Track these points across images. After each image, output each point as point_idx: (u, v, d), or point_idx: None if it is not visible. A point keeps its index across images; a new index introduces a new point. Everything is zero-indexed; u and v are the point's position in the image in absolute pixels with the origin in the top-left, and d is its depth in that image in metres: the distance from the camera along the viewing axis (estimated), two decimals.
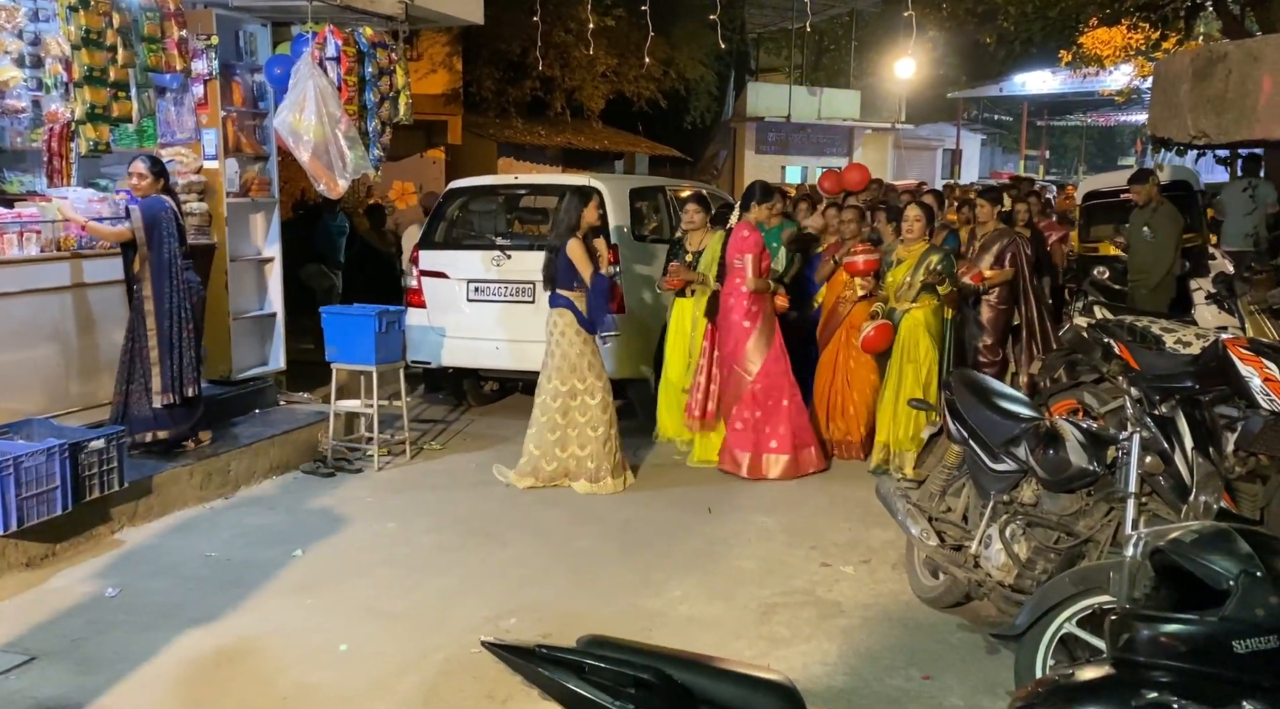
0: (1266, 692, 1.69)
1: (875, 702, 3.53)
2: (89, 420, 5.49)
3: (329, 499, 5.75)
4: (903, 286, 6.11)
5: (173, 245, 5.46)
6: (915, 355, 6.01)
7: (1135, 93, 18.19)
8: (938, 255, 6.10)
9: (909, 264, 6.13)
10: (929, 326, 6.04)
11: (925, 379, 5.99)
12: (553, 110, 17.33)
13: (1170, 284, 7.77)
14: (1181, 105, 5.92)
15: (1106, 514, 3.58)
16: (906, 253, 6.21)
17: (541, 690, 1.78)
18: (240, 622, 4.12)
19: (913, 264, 6.11)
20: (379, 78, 6.64)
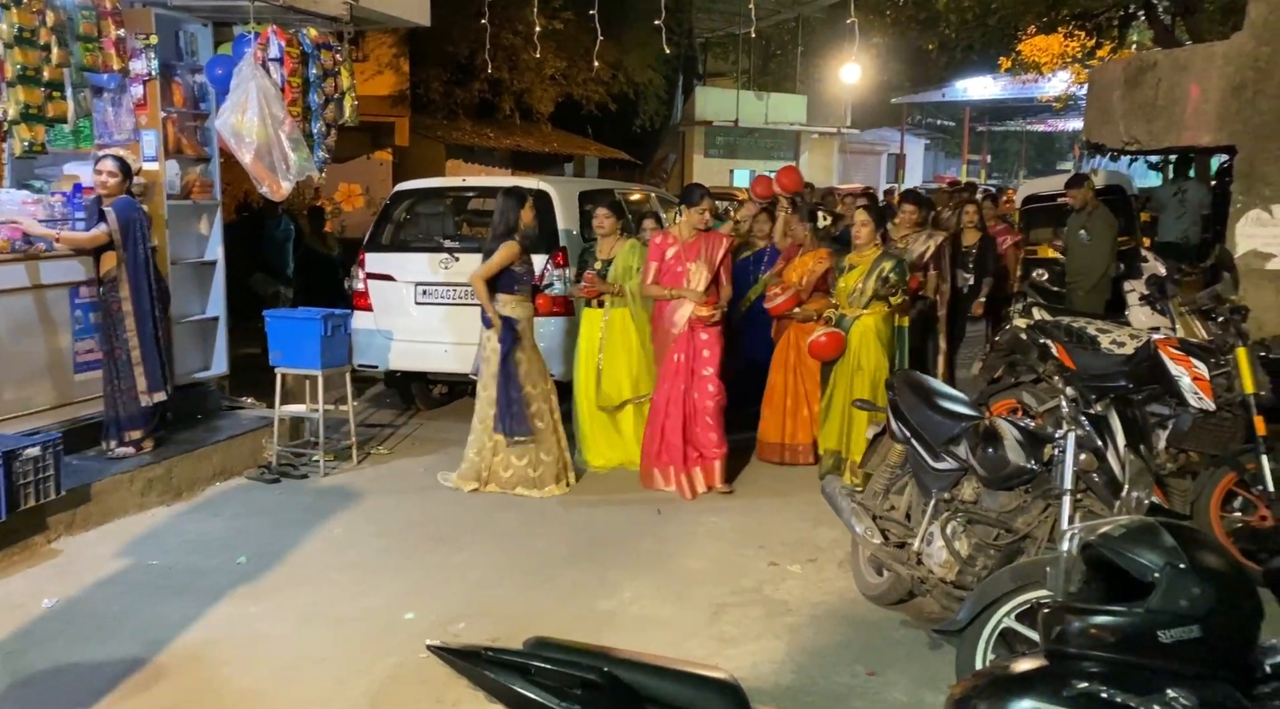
0: (1190, 679, 1.75)
1: (821, 698, 3.58)
2: (25, 428, 5.35)
3: (274, 505, 5.67)
4: (854, 293, 5.98)
5: (146, 246, 5.60)
6: (865, 363, 5.88)
7: (1072, 99, 18.64)
8: (890, 262, 5.95)
9: (860, 270, 5.99)
10: (879, 334, 5.93)
11: (874, 388, 5.82)
12: (501, 112, 17.27)
13: (1106, 286, 7.97)
14: (1114, 112, 6.11)
15: (1044, 511, 3.67)
16: (858, 259, 6.08)
17: (487, 693, 1.78)
18: (183, 631, 4.04)
19: (864, 270, 5.97)
20: (323, 79, 6.57)
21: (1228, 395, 4.67)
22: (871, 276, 5.90)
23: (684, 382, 5.88)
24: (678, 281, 5.89)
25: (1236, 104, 5.44)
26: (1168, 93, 5.78)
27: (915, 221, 6.97)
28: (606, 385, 6.28)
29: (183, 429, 6.21)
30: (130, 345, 5.54)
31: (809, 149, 30.90)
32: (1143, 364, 5.01)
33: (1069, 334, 5.70)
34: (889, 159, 34.99)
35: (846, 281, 6.05)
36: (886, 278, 5.86)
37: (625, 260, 6.29)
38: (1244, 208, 5.45)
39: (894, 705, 3.54)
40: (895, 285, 5.89)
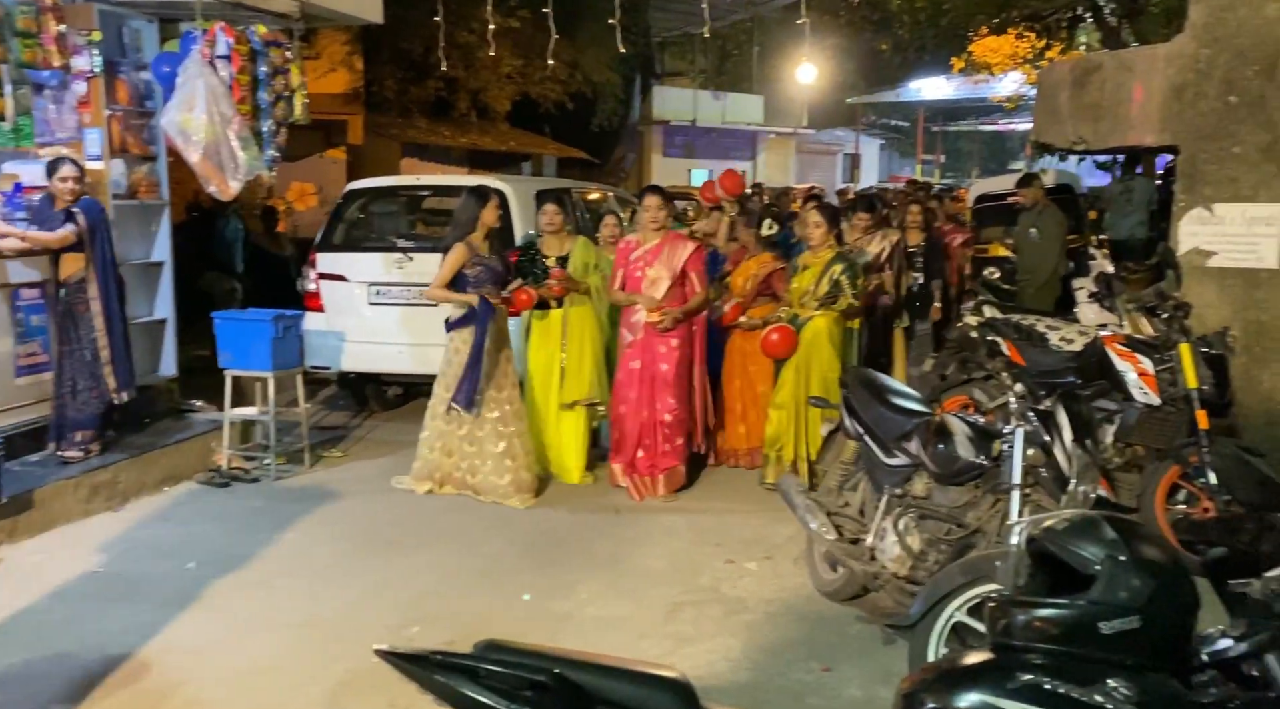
0: (1130, 669, 1.78)
1: (777, 695, 3.60)
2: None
3: (224, 510, 5.58)
4: (806, 294, 5.93)
5: (111, 246, 5.64)
6: (816, 364, 5.80)
7: (1023, 99, 18.94)
8: (842, 265, 5.88)
9: (814, 271, 5.93)
10: (831, 336, 5.84)
11: (823, 389, 5.68)
12: (457, 111, 17.16)
13: (1056, 283, 8.11)
14: (1062, 112, 6.20)
15: (993, 506, 3.72)
16: (812, 259, 6.00)
17: (437, 697, 1.77)
18: (129, 639, 3.96)
19: (818, 271, 5.91)
20: (273, 77, 6.46)
21: (1172, 390, 4.78)
22: (824, 278, 5.86)
23: (639, 389, 5.76)
24: (638, 286, 5.81)
25: (1178, 105, 5.55)
26: (1113, 93, 5.88)
27: (867, 227, 6.99)
28: (570, 382, 6.15)
29: (130, 433, 6.08)
30: (100, 345, 5.56)
31: (766, 149, 31.09)
32: (1090, 360, 5.10)
33: (1019, 331, 5.79)
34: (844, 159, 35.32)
35: (800, 282, 5.99)
36: (837, 280, 5.81)
37: (581, 257, 6.24)
38: (1186, 206, 5.56)
39: (849, 701, 3.57)
40: (834, 294, 5.79)
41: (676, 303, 5.77)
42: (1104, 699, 1.75)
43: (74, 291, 5.53)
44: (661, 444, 5.78)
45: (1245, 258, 5.39)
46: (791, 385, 5.85)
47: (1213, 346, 4.83)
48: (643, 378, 5.76)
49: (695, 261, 5.83)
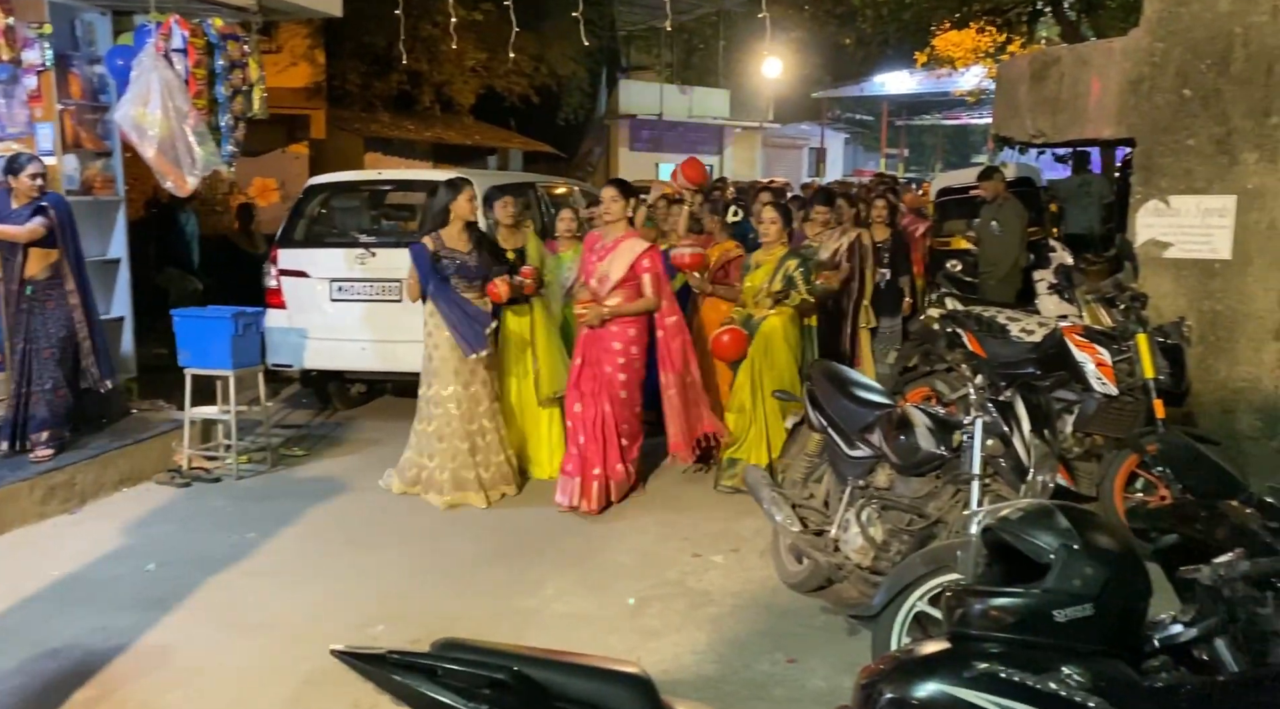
0: (1083, 656, 1.80)
1: (742, 688, 3.61)
2: None
3: (185, 510, 5.51)
4: (760, 292, 5.79)
5: (79, 239, 5.70)
6: (772, 364, 5.65)
7: (985, 93, 19.12)
8: (795, 261, 5.77)
9: (767, 269, 5.81)
10: (787, 335, 5.68)
11: (783, 386, 5.51)
12: (421, 105, 17.02)
13: (1017, 275, 8.19)
14: (1021, 106, 6.27)
15: (954, 496, 3.76)
16: (765, 257, 5.88)
17: (395, 697, 1.75)
18: (86, 642, 3.90)
19: (771, 269, 5.79)
20: (230, 70, 6.38)
21: (1130, 380, 4.85)
22: (778, 275, 5.74)
23: (580, 387, 5.54)
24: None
25: (1134, 98, 5.63)
26: (1071, 87, 5.95)
27: (825, 221, 6.90)
28: (545, 377, 6.06)
29: (87, 434, 5.98)
30: (81, 337, 5.65)
31: (732, 143, 31.14)
32: (1050, 351, 5.16)
33: (979, 323, 5.85)
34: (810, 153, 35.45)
35: (753, 280, 5.86)
36: (791, 277, 5.70)
37: (537, 251, 6.23)
38: (1142, 198, 5.64)
39: (813, 692, 3.59)
40: (785, 290, 5.67)
41: (593, 299, 5.52)
42: (1058, 686, 1.77)
43: (43, 288, 5.52)
44: (608, 448, 5.48)
45: (1200, 249, 5.48)
46: (748, 387, 5.70)
47: (1169, 336, 4.91)
48: (583, 374, 5.54)
49: (647, 263, 5.45)
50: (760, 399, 5.66)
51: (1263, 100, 5.27)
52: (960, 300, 6.54)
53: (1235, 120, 5.34)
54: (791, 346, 5.71)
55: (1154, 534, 2.16)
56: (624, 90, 25.97)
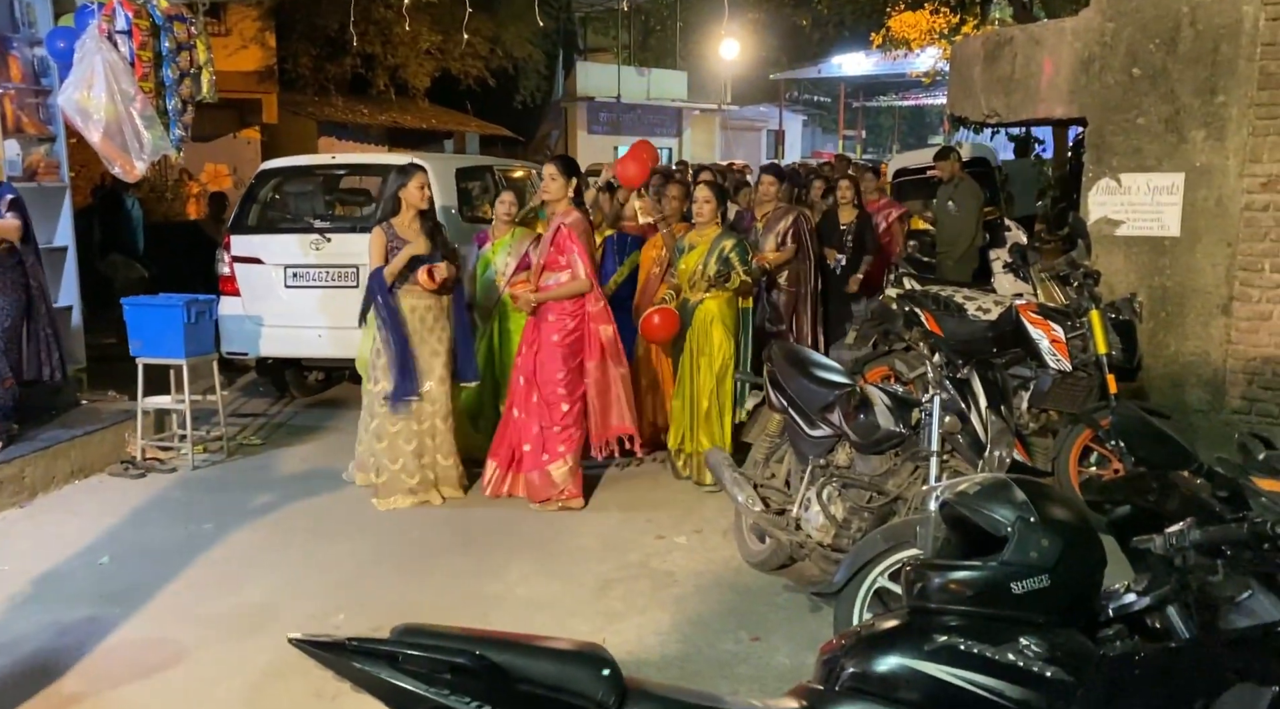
0: (1039, 627, 1.83)
1: (706, 666, 3.63)
2: None
3: (139, 502, 5.41)
4: (695, 275, 5.58)
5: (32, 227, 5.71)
6: (708, 349, 5.49)
7: (940, 74, 19.25)
8: (731, 241, 5.60)
9: (701, 251, 5.60)
10: (723, 318, 5.52)
11: (720, 373, 5.49)
12: (375, 88, 16.81)
13: (974, 255, 8.28)
14: (975, 86, 6.31)
15: (913, 472, 3.80)
16: (698, 238, 5.65)
17: (355, 685, 1.73)
18: (38, 638, 3.82)
19: (705, 250, 5.58)
20: (177, 53, 6.22)
21: (1083, 356, 4.92)
22: (713, 257, 5.55)
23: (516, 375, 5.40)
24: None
25: (1085, 78, 5.69)
26: (1024, 67, 6.00)
27: (775, 195, 6.65)
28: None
29: (35, 426, 5.86)
30: (44, 324, 5.68)
31: (691, 125, 31.10)
32: (1005, 329, 5.22)
33: (937, 302, 5.90)
34: (769, 135, 35.53)
35: (687, 263, 5.64)
36: (727, 258, 5.51)
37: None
38: (1095, 177, 5.71)
39: (777, 669, 3.61)
40: (725, 273, 5.51)
41: (525, 281, 5.39)
42: (1016, 657, 1.79)
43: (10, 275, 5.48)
44: (525, 441, 5.33)
45: (1150, 226, 5.57)
46: (687, 376, 5.57)
47: (1121, 313, 4.99)
48: (523, 364, 5.36)
49: (567, 240, 5.17)
50: (698, 385, 5.52)
51: (1210, 79, 5.35)
52: (918, 280, 6.58)
53: (1183, 99, 5.43)
54: (728, 329, 5.56)
55: (1108, 506, 2.19)
56: (581, 72, 25.83)
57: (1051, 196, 10.96)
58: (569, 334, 5.27)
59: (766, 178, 6.88)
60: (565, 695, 1.70)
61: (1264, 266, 5.31)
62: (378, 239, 5.25)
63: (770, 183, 6.74)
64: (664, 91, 28.68)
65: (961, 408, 3.59)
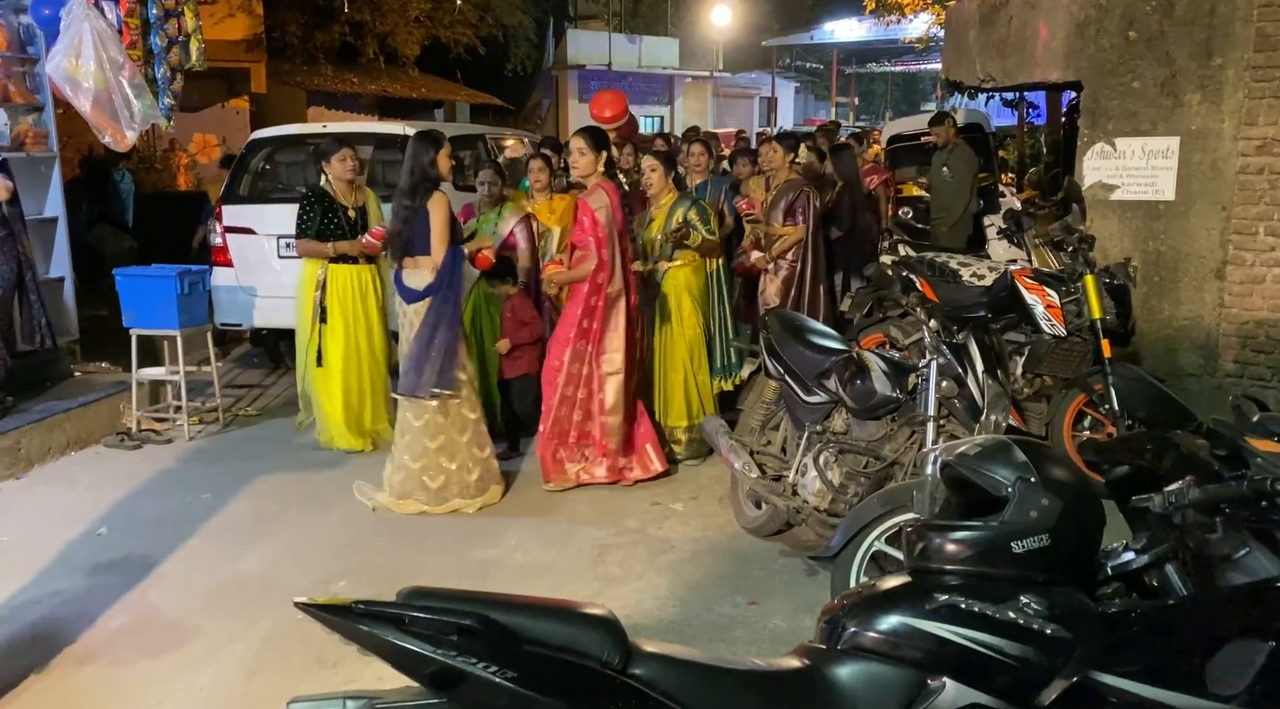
0: (1039, 585, 1.85)
1: (704, 630, 3.66)
2: None
3: (136, 473, 5.41)
4: (656, 244, 5.49)
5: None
6: (678, 320, 5.40)
7: (933, 40, 19.11)
8: (685, 206, 5.46)
9: (659, 221, 5.50)
10: (690, 286, 5.42)
11: (691, 341, 5.42)
12: (365, 56, 16.64)
13: (968, 221, 8.27)
14: (970, 50, 6.28)
15: (910, 438, 3.81)
16: (656, 210, 5.55)
17: (362, 647, 1.75)
18: (37, 608, 3.83)
19: (662, 221, 5.48)
20: (165, 20, 6.14)
21: (1077, 321, 4.93)
22: (669, 224, 5.44)
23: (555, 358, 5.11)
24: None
25: (1080, 42, 5.66)
26: (1019, 31, 5.97)
27: (781, 164, 6.36)
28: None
29: (30, 398, 5.84)
30: (30, 293, 5.67)
31: (683, 93, 30.89)
32: (1001, 294, 5.22)
33: (932, 269, 5.90)
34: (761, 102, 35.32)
35: (648, 234, 5.53)
36: (686, 220, 5.39)
37: (378, 210, 5.88)
38: (1090, 142, 5.70)
39: (774, 632, 3.65)
40: (697, 225, 5.36)
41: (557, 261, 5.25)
42: (1016, 615, 1.81)
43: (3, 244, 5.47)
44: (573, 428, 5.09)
45: (1145, 191, 5.57)
46: (658, 347, 5.45)
47: (1115, 277, 4.99)
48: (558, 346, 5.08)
49: (587, 222, 4.89)
50: (670, 357, 5.42)
51: (1205, 42, 5.33)
52: (912, 247, 6.58)
53: (1179, 62, 5.40)
54: (695, 298, 5.45)
55: (1105, 467, 2.21)
56: (572, 40, 25.60)
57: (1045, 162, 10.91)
58: (587, 316, 4.98)
59: (771, 146, 6.54)
60: (571, 656, 1.72)
61: (1258, 230, 5.32)
62: (446, 209, 4.70)
63: (774, 151, 6.42)
64: (655, 59, 28.46)
65: (958, 372, 3.60)
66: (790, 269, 6.30)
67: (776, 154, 6.35)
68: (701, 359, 5.49)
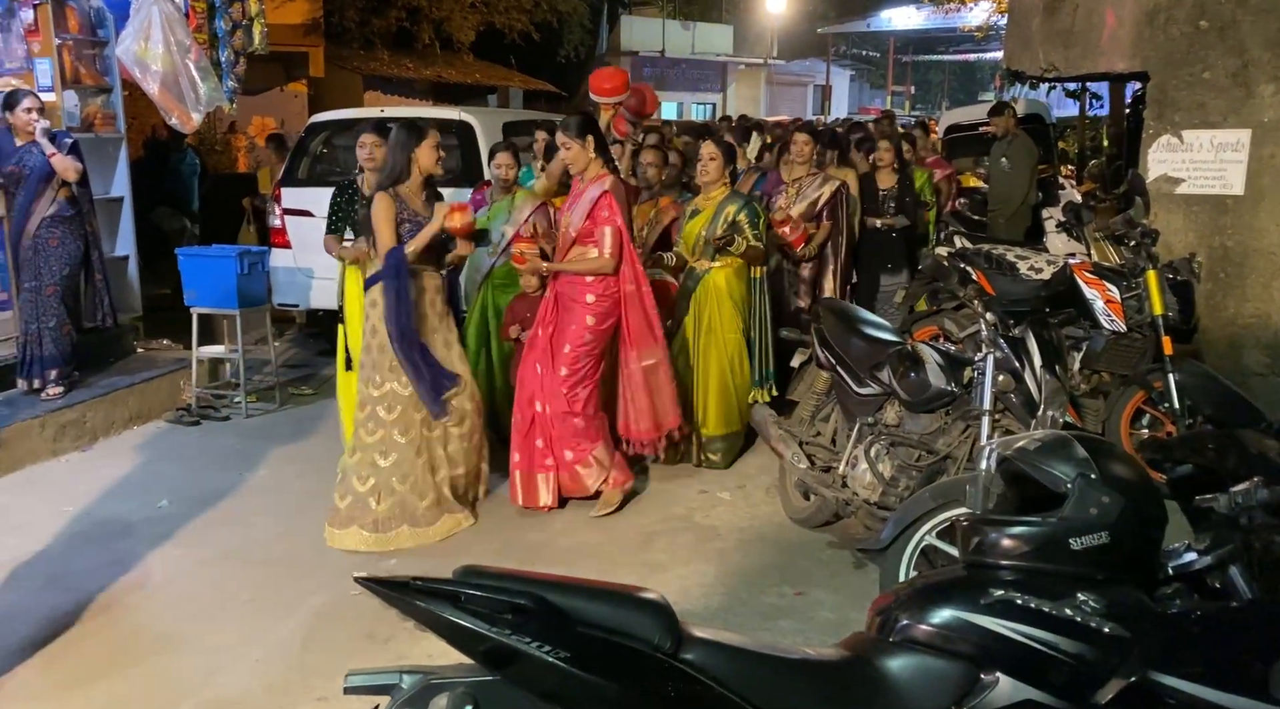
0: (1098, 583, 1.82)
1: (750, 617, 3.67)
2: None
3: (195, 448, 5.54)
4: (698, 241, 5.13)
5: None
6: (717, 324, 5.09)
7: (993, 29, 18.77)
8: (736, 205, 5.09)
9: (706, 215, 5.13)
10: (732, 291, 5.09)
11: (732, 348, 5.12)
12: (420, 42, 16.76)
13: (1026, 213, 8.12)
14: (1033, 39, 6.15)
15: (964, 432, 3.77)
16: (704, 202, 5.18)
17: (418, 622, 1.77)
18: (101, 576, 3.95)
19: (710, 216, 5.10)
20: (229, 4, 6.27)
21: (1138, 317, 4.82)
22: (717, 222, 5.08)
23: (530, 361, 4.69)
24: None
25: (1149, 30, 5.52)
26: (1085, 19, 5.83)
27: (810, 156, 5.96)
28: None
29: (95, 373, 6.01)
30: (96, 271, 5.78)
31: (736, 80, 30.71)
32: (1059, 288, 5.14)
33: (989, 261, 5.82)
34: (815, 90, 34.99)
35: (692, 227, 5.18)
36: (734, 222, 5.04)
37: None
38: (1155, 134, 5.56)
39: (821, 623, 3.64)
40: (728, 236, 5.02)
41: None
42: (1073, 612, 1.79)
43: (72, 224, 5.58)
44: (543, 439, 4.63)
45: (1213, 184, 5.42)
46: (691, 350, 5.16)
47: (1179, 273, 4.88)
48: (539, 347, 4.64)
49: (606, 212, 4.47)
50: (707, 364, 5.12)
51: None
52: (968, 238, 6.48)
53: (1253, 52, 5.24)
54: (737, 304, 5.13)
55: (1168, 464, 2.17)
56: (625, 27, 25.55)
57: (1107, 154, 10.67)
58: (587, 311, 4.56)
59: (800, 137, 6.00)
60: (623, 639, 1.73)
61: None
62: (387, 208, 4.26)
63: (805, 143, 5.94)
64: (709, 46, 28.32)
65: (1015, 367, 3.55)
66: (815, 265, 5.98)
67: (807, 147, 5.95)
68: (743, 367, 5.18)
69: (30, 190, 5.38)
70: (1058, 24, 5.99)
